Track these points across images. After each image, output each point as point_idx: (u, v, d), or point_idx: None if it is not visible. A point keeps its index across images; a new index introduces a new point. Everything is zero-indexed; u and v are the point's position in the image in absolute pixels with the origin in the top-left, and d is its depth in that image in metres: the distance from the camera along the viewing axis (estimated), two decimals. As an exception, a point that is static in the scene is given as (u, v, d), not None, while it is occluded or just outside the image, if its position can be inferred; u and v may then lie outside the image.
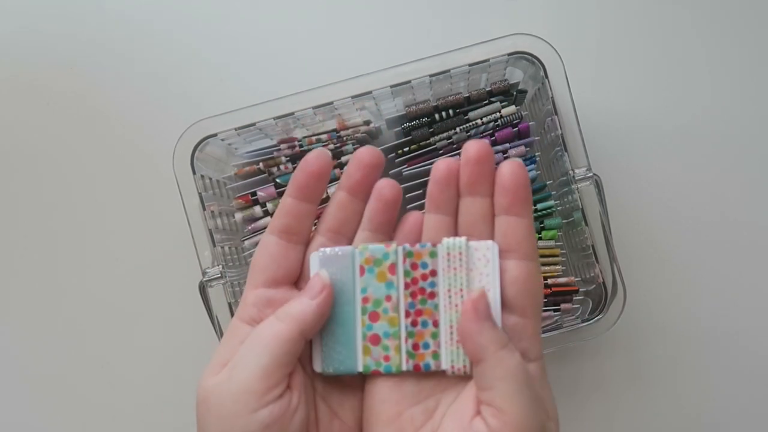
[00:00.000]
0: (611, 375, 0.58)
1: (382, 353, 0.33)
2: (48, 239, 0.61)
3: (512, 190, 0.30)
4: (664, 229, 0.58)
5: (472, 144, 0.31)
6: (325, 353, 0.33)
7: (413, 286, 0.33)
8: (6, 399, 0.60)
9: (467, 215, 0.32)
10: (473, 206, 0.32)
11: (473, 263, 0.32)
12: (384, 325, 0.33)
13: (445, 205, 0.32)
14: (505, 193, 0.30)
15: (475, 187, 0.31)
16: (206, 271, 0.50)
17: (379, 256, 0.33)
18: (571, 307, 0.52)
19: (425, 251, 0.32)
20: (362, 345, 0.33)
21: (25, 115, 0.61)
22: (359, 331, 0.33)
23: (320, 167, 0.32)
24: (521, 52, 0.48)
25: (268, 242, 0.33)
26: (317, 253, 0.33)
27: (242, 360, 0.30)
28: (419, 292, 0.33)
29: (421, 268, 0.32)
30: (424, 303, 0.32)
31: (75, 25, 0.61)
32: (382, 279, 0.33)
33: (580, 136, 0.48)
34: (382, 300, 0.33)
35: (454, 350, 0.32)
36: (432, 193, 0.32)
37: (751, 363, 0.57)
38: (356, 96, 0.49)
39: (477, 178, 0.31)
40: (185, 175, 0.50)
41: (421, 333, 0.33)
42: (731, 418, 0.57)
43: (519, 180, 0.30)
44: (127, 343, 0.60)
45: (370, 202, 0.33)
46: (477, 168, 0.31)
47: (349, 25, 0.61)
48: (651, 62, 0.59)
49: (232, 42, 0.61)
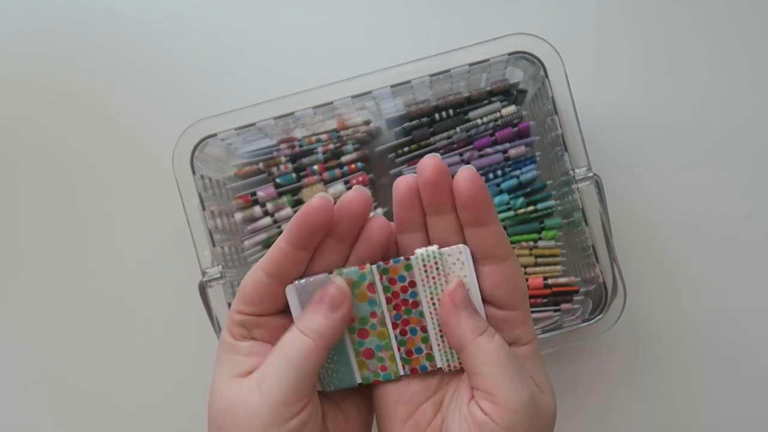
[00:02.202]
0: (611, 375, 0.58)
1: (378, 364, 0.34)
2: (48, 239, 0.61)
3: (471, 205, 0.30)
4: (664, 229, 0.58)
5: (426, 164, 0.31)
6: (324, 374, 0.34)
7: (395, 299, 0.33)
8: (6, 398, 0.60)
9: (437, 232, 0.32)
10: (440, 224, 0.32)
11: (449, 268, 0.32)
12: (374, 340, 0.33)
13: (413, 223, 0.32)
14: (466, 209, 0.31)
15: (438, 207, 0.32)
16: (206, 271, 0.50)
17: (356, 278, 0.33)
18: (572, 307, 0.52)
19: (400, 266, 0.33)
20: (357, 360, 0.34)
21: (25, 115, 0.61)
22: (351, 349, 0.34)
23: (322, 220, 0.31)
24: (521, 52, 0.48)
25: (258, 279, 0.32)
26: (292, 286, 0.32)
27: (273, 374, 0.31)
28: (402, 304, 0.33)
29: (399, 281, 0.33)
30: (409, 312, 0.33)
31: (75, 25, 0.61)
32: (363, 299, 0.33)
33: (580, 135, 0.48)
34: (368, 317, 0.33)
35: (446, 350, 0.33)
36: (398, 214, 0.32)
37: (751, 363, 0.57)
38: (356, 96, 0.49)
39: (437, 199, 0.31)
40: (185, 175, 0.50)
41: (412, 340, 0.33)
42: (731, 417, 0.57)
43: (476, 193, 0.30)
44: (127, 342, 0.60)
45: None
46: (434, 189, 0.31)
47: (349, 25, 0.61)
48: (651, 62, 0.59)
49: (232, 42, 0.61)
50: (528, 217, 0.51)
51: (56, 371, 0.60)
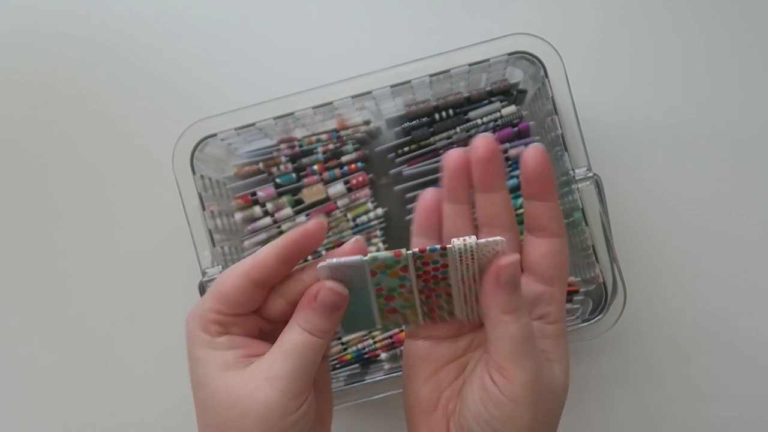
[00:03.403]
0: (611, 375, 0.58)
1: (400, 317, 0.35)
2: (47, 239, 0.61)
3: (536, 180, 0.32)
4: (664, 229, 0.58)
5: (480, 142, 0.32)
6: (345, 321, 0.35)
7: (426, 276, 0.33)
8: (5, 398, 0.60)
9: (485, 209, 0.34)
10: (489, 201, 0.34)
11: (484, 257, 0.32)
12: (399, 302, 0.34)
13: (461, 195, 0.34)
14: (529, 183, 0.32)
15: (489, 184, 0.33)
16: (206, 271, 0.50)
17: (390, 263, 0.33)
18: (572, 307, 0.52)
19: (435, 254, 0.32)
20: (380, 315, 0.35)
21: (25, 115, 0.61)
22: (375, 306, 0.34)
23: (315, 245, 0.33)
24: (521, 52, 0.48)
25: (242, 284, 0.33)
26: (325, 264, 0.33)
27: (285, 369, 0.32)
28: (432, 279, 0.34)
29: (432, 264, 0.33)
30: (437, 284, 0.34)
31: (75, 25, 0.61)
32: (394, 276, 0.33)
33: (580, 135, 0.48)
34: (396, 287, 0.34)
35: (469, 308, 0.34)
36: (447, 185, 0.34)
37: (751, 362, 0.57)
38: (356, 96, 0.49)
39: (489, 176, 0.33)
40: (185, 175, 0.50)
41: (436, 301, 0.34)
42: (731, 417, 0.57)
43: (542, 169, 0.32)
44: (127, 342, 0.60)
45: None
46: (487, 167, 0.33)
47: (349, 25, 0.61)
48: (651, 62, 0.59)
49: (232, 42, 0.61)
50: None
51: (56, 371, 0.60)
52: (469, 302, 0.34)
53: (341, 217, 0.53)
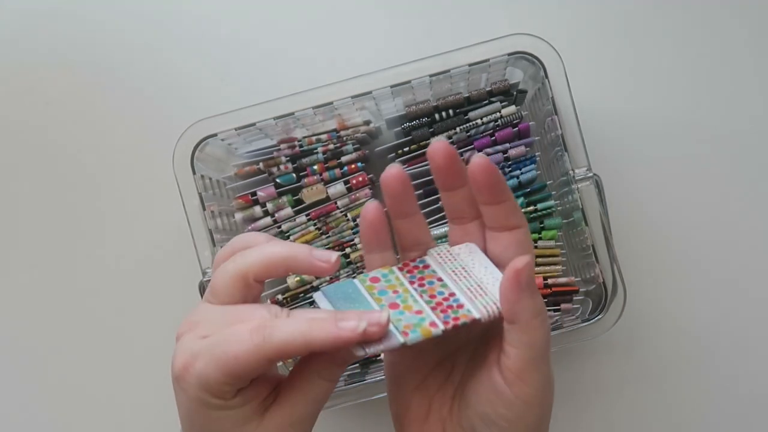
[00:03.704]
0: (611, 375, 0.58)
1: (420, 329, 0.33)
2: (48, 239, 0.61)
3: (486, 191, 0.32)
4: (664, 229, 0.58)
5: (437, 152, 0.32)
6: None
7: (418, 281, 0.34)
8: (6, 398, 0.60)
9: (450, 204, 0.34)
10: (452, 197, 0.34)
11: (465, 262, 0.34)
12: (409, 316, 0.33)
13: (409, 210, 0.34)
14: (481, 194, 0.33)
15: (450, 185, 0.34)
16: (206, 271, 0.50)
17: (380, 276, 0.34)
18: (572, 307, 0.52)
19: (416, 260, 0.35)
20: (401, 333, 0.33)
21: (26, 115, 0.61)
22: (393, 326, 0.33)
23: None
24: (521, 52, 0.48)
25: (254, 361, 0.29)
26: (321, 293, 0.33)
27: (305, 414, 0.33)
28: (423, 278, 0.34)
29: (417, 267, 0.34)
30: (432, 283, 0.34)
31: (75, 25, 0.61)
32: (391, 288, 0.34)
33: (580, 136, 0.48)
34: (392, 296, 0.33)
35: (479, 300, 0.33)
36: (391, 205, 0.34)
37: (750, 362, 0.57)
38: (356, 96, 0.49)
39: (451, 181, 0.33)
40: (185, 175, 0.50)
41: (445, 305, 0.33)
42: (731, 417, 0.57)
43: (489, 179, 0.32)
44: (127, 342, 0.60)
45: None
46: (447, 174, 0.33)
47: (349, 26, 0.61)
48: (651, 62, 0.59)
49: (232, 42, 0.61)
50: (528, 217, 0.51)
51: (56, 370, 0.60)
52: (475, 295, 0.33)
53: (341, 217, 0.53)
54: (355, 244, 0.53)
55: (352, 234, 0.53)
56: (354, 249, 0.53)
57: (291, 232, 0.53)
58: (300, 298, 0.53)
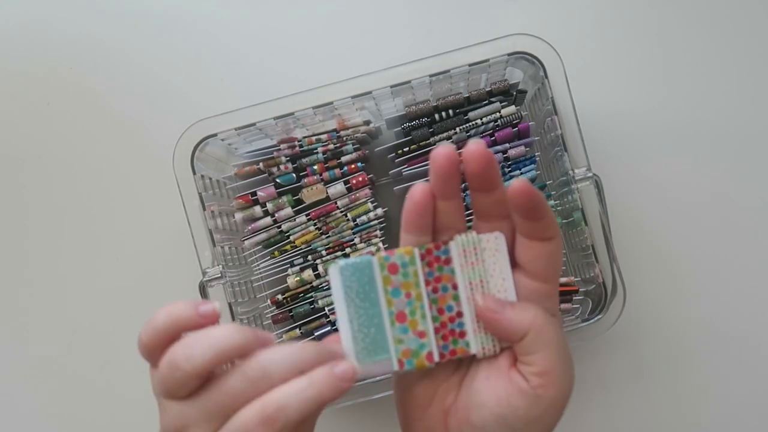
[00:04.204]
0: (611, 374, 0.58)
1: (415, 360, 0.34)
2: (48, 239, 0.61)
3: (527, 210, 0.32)
4: (664, 229, 0.58)
5: (473, 154, 0.31)
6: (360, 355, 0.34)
7: (434, 282, 0.34)
8: (7, 397, 0.60)
9: (480, 204, 0.33)
10: (485, 197, 0.33)
11: (485, 254, 0.33)
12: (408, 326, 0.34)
13: (451, 193, 0.33)
14: (521, 212, 0.32)
15: (485, 188, 0.32)
16: (206, 271, 0.50)
17: (399, 262, 0.33)
18: (571, 307, 0.52)
19: (440, 248, 0.34)
20: (397, 360, 0.33)
21: (26, 115, 0.61)
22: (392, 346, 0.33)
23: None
24: (521, 52, 0.48)
25: (193, 380, 0.30)
26: (336, 269, 0.33)
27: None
28: (440, 279, 0.34)
29: (438, 260, 0.33)
30: (446, 290, 0.34)
31: (75, 25, 0.61)
32: (405, 288, 0.33)
33: (580, 136, 0.48)
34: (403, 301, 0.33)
35: (482, 335, 0.34)
36: (436, 185, 0.33)
37: (750, 361, 0.57)
38: (356, 96, 0.49)
39: (485, 183, 0.32)
40: (185, 175, 0.50)
41: (449, 328, 0.34)
42: (731, 416, 0.57)
43: (531, 200, 0.31)
44: (127, 342, 0.60)
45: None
46: (482, 178, 0.32)
47: (349, 25, 0.61)
48: (650, 62, 0.59)
49: (232, 42, 0.61)
50: (528, 217, 0.51)
51: (57, 370, 0.60)
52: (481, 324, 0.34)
53: (341, 217, 0.53)
54: (354, 244, 0.53)
55: (352, 234, 0.53)
56: (354, 249, 0.53)
57: (291, 232, 0.53)
58: (300, 298, 0.53)
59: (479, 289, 0.33)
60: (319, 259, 0.53)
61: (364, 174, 0.53)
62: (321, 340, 0.34)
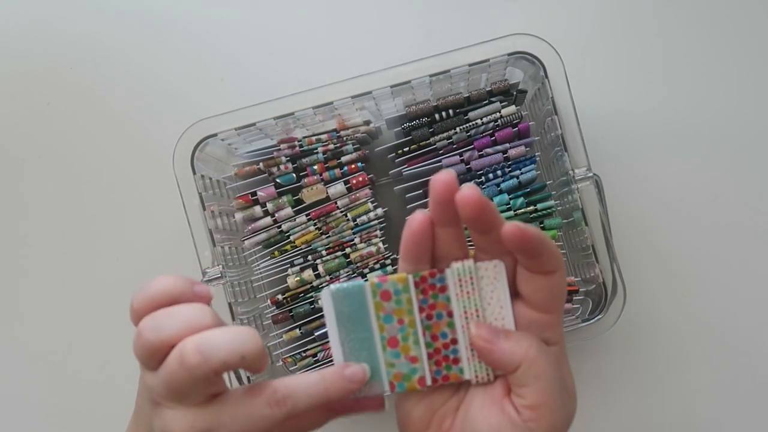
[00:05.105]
0: (611, 374, 0.58)
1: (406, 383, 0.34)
2: (48, 239, 0.61)
3: (526, 251, 0.31)
4: (664, 229, 0.58)
5: (467, 201, 0.30)
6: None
7: (428, 309, 0.33)
8: (7, 397, 0.60)
9: (479, 242, 0.33)
10: (483, 237, 0.32)
11: (482, 283, 0.33)
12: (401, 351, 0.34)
13: (451, 220, 0.32)
14: (520, 254, 0.31)
15: (481, 231, 0.32)
16: (206, 271, 0.50)
17: (392, 289, 0.33)
18: (572, 307, 0.52)
19: (435, 276, 0.33)
20: (389, 382, 0.34)
21: (26, 115, 0.61)
22: (384, 370, 0.34)
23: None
24: (521, 52, 0.48)
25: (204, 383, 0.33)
26: (328, 293, 0.33)
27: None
28: (435, 306, 0.33)
29: (433, 288, 0.33)
30: (441, 318, 0.33)
31: (75, 25, 0.61)
32: (398, 315, 0.33)
33: (580, 136, 0.48)
34: (395, 327, 0.33)
35: (476, 363, 0.33)
36: (436, 212, 0.32)
37: (750, 361, 0.57)
38: (356, 96, 0.49)
39: (480, 226, 0.31)
40: (185, 175, 0.50)
41: (443, 354, 0.34)
42: (731, 416, 0.57)
43: (529, 242, 0.30)
44: (127, 342, 0.60)
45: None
46: (477, 222, 0.31)
47: (349, 25, 0.61)
48: (650, 62, 0.59)
49: (232, 42, 0.61)
50: (528, 217, 0.51)
51: (57, 370, 0.60)
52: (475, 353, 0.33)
53: (341, 217, 0.53)
54: (354, 244, 0.53)
55: (352, 234, 0.53)
56: (354, 249, 0.53)
57: (291, 232, 0.53)
58: (300, 298, 0.53)
59: (474, 318, 0.33)
60: (319, 259, 0.53)
61: (364, 174, 0.53)
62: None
